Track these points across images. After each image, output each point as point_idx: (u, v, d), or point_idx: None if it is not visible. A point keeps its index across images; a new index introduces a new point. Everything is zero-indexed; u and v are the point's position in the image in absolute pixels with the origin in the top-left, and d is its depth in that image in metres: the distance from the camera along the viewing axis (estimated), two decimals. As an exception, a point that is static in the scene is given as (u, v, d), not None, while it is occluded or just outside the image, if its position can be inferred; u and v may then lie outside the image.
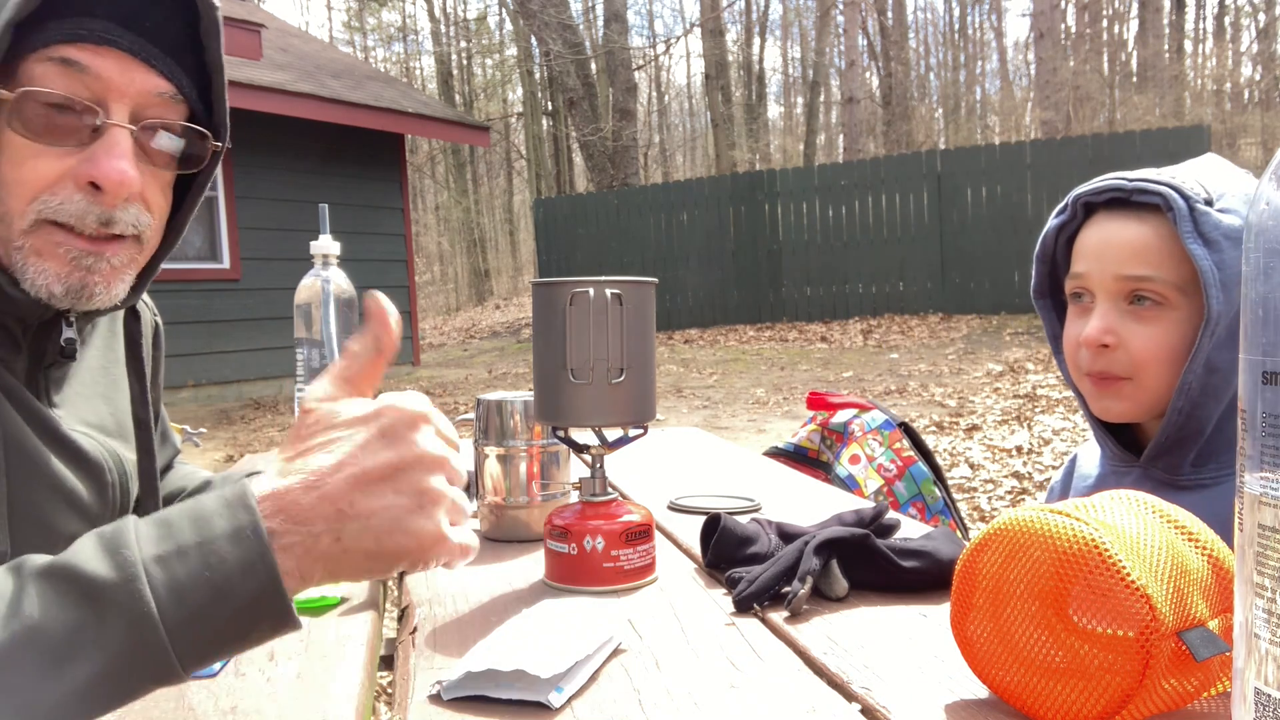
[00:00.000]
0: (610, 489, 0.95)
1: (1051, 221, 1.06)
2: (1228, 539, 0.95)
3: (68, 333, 0.83)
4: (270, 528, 0.56)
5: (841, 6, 19.15)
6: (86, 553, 0.54)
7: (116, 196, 0.75)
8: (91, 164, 0.74)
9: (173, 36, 0.79)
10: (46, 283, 0.75)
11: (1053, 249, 1.07)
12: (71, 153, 0.74)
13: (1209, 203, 0.93)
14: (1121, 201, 0.98)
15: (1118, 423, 1.04)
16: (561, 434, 0.95)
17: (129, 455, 0.91)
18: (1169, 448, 0.99)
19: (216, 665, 0.70)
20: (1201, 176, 0.96)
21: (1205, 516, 0.97)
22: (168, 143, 0.80)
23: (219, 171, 8.00)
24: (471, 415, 1.14)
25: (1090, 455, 1.16)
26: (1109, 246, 0.98)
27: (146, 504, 0.89)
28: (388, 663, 0.86)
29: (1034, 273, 1.10)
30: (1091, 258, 1.00)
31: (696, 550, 1.01)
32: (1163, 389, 0.98)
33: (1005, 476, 4.49)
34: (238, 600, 0.55)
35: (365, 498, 0.58)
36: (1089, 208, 1.02)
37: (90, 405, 0.89)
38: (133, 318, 0.92)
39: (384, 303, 0.64)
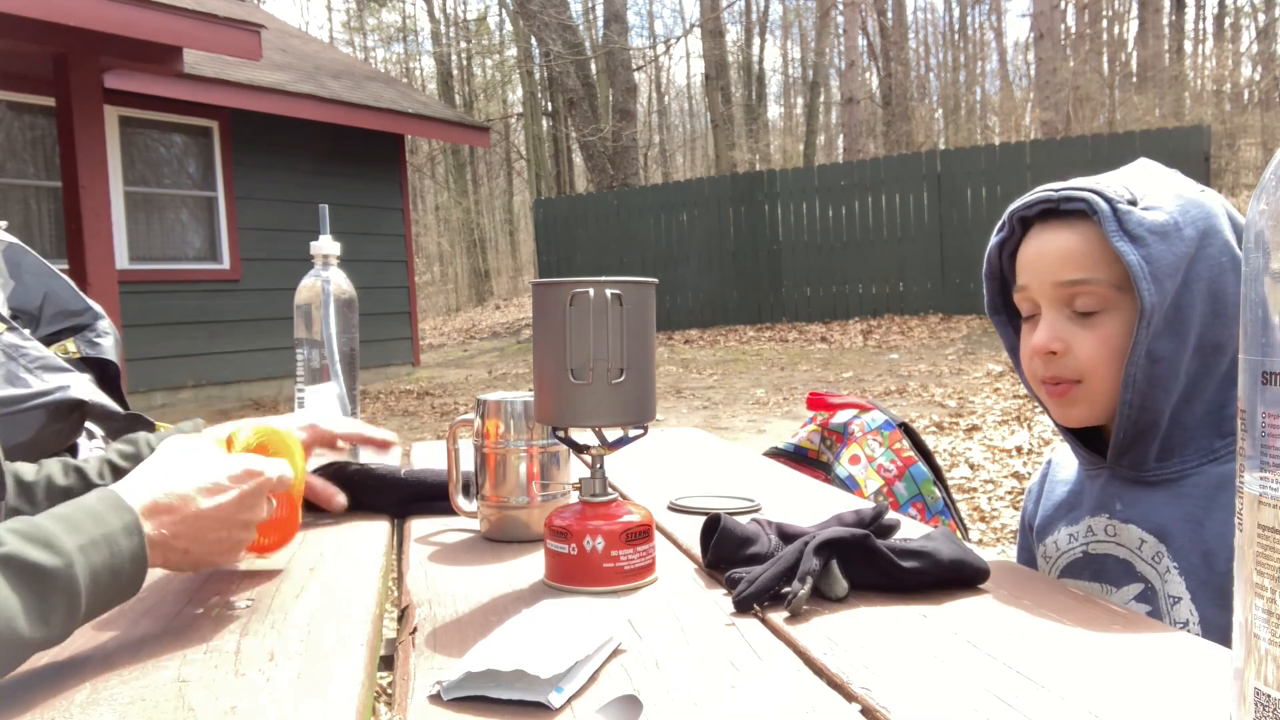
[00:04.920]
0: (610, 489, 0.95)
1: (993, 239, 1.10)
2: (1198, 534, 0.96)
3: None
4: (148, 532, 0.75)
5: (841, 6, 19.15)
6: (21, 545, 0.66)
7: None
8: None
9: None
10: None
11: (999, 265, 1.11)
12: None
13: (1133, 203, 0.96)
14: (1052, 212, 1.02)
15: (1081, 427, 1.07)
16: (561, 434, 0.95)
17: None
18: (1129, 444, 1.01)
19: None
20: (1128, 180, 1.00)
21: (1174, 512, 0.98)
22: None
23: (219, 171, 7.98)
24: (471, 415, 1.14)
25: (1066, 459, 1.17)
26: (1043, 257, 1.02)
27: None
28: (388, 663, 0.86)
29: (985, 290, 1.14)
30: (1030, 270, 1.04)
31: (696, 550, 1.01)
32: (1114, 388, 1.00)
33: (1005, 477, 4.49)
34: (123, 581, 0.73)
35: (212, 533, 0.82)
36: (1025, 222, 1.06)
37: None
38: None
39: None
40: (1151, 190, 0.98)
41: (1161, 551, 0.99)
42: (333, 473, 1.24)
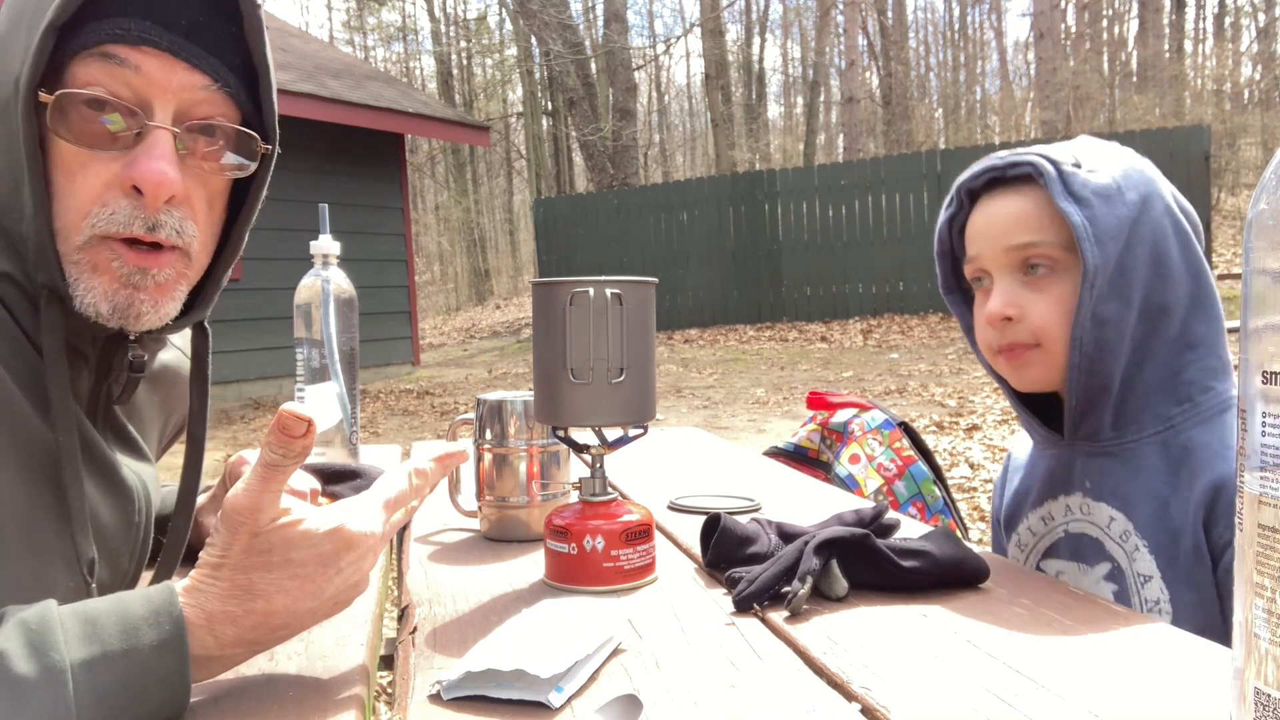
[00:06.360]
0: (610, 489, 0.95)
1: (942, 215, 1.11)
2: (1164, 512, 0.96)
3: (133, 350, 0.81)
4: (196, 653, 0.62)
5: (841, 6, 19.14)
6: (14, 648, 0.56)
7: (157, 199, 0.73)
8: (132, 166, 0.72)
9: (214, 36, 0.77)
10: (94, 300, 0.74)
11: (949, 242, 1.12)
12: (117, 158, 0.73)
13: (1078, 166, 0.99)
14: (999, 181, 1.04)
15: (1037, 392, 1.07)
16: (561, 434, 0.95)
17: (154, 476, 0.89)
18: (1084, 412, 1.02)
19: None
20: (1074, 148, 1.03)
21: (1140, 488, 0.99)
22: (214, 145, 0.78)
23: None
24: (471, 415, 1.14)
25: (1022, 445, 1.19)
26: (993, 224, 1.04)
27: (178, 522, 0.87)
28: (388, 663, 0.86)
29: (938, 270, 1.14)
30: (980, 238, 1.05)
31: (696, 550, 1.01)
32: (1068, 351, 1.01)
33: (1005, 476, 4.49)
34: (149, 704, 0.60)
35: (295, 625, 0.67)
36: (973, 195, 1.07)
37: (137, 424, 0.89)
38: (199, 334, 0.89)
39: (294, 411, 0.63)
40: (1094, 156, 1.01)
41: (1129, 530, 0.99)
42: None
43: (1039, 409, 1.10)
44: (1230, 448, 0.96)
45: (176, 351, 0.99)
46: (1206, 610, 0.94)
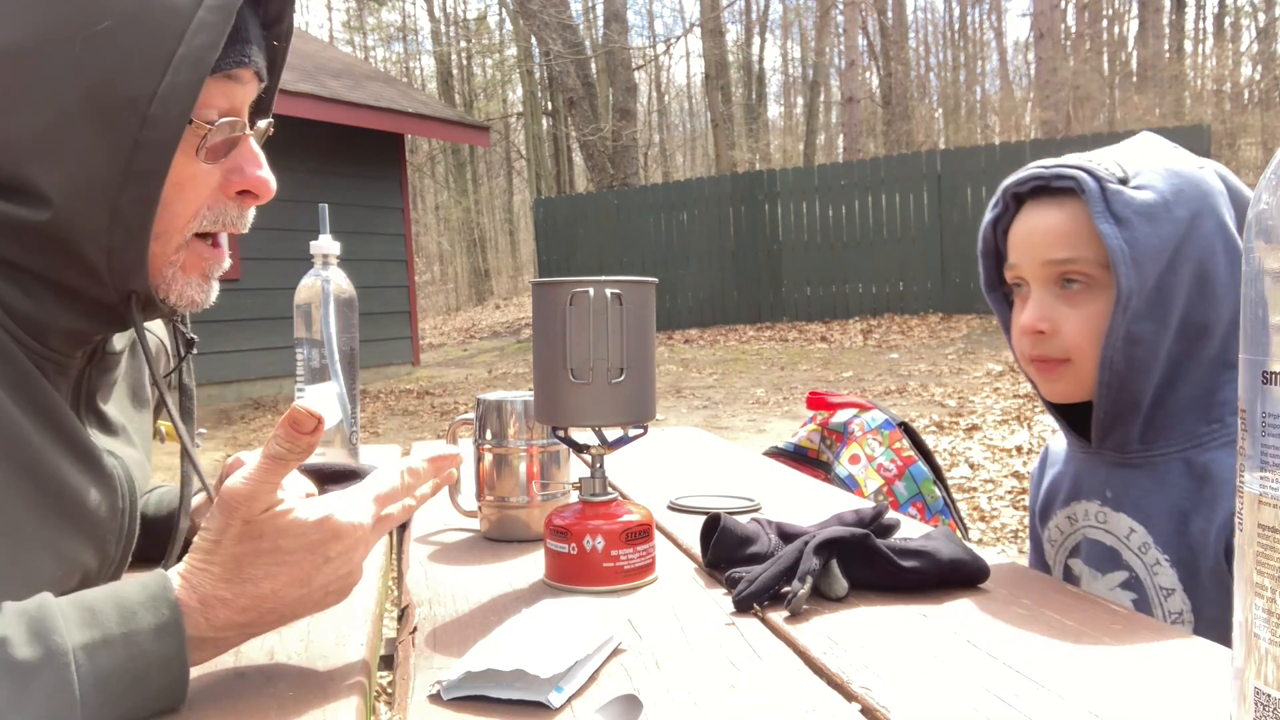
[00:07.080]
0: (610, 489, 0.95)
1: (987, 216, 1.09)
2: (1184, 528, 0.96)
3: (116, 339, 0.85)
4: (190, 634, 0.63)
5: (841, 6, 19.13)
6: (15, 634, 0.58)
7: (263, 202, 0.80)
8: (241, 175, 0.79)
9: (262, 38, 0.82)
10: (192, 294, 0.79)
11: (993, 242, 1.10)
12: (219, 165, 0.78)
13: (1124, 181, 0.95)
14: (1044, 189, 1.01)
15: (1069, 403, 1.07)
16: (561, 434, 0.95)
17: (139, 460, 0.90)
18: (1111, 425, 1.01)
19: None
20: (1122, 157, 0.99)
21: (1161, 502, 0.98)
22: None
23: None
24: (471, 415, 1.14)
25: (1059, 443, 1.19)
26: (1034, 234, 1.02)
27: (183, 492, 0.89)
28: (388, 663, 0.86)
29: (981, 269, 1.13)
30: (1021, 247, 1.04)
31: (696, 550, 1.01)
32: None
33: (1005, 476, 4.49)
34: (149, 689, 0.61)
35: (284, 610, 0.67)
36: (1019, 198, 1.05)
37: (119, 406, 0.90)
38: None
39: (306, 409, 0.65)
40: (1145, 168, 0.97)
41: (1149, 543, 0.99)
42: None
43: (1071, 408, 1.08)
44: None
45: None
46: (1229, 623, 0.93)
